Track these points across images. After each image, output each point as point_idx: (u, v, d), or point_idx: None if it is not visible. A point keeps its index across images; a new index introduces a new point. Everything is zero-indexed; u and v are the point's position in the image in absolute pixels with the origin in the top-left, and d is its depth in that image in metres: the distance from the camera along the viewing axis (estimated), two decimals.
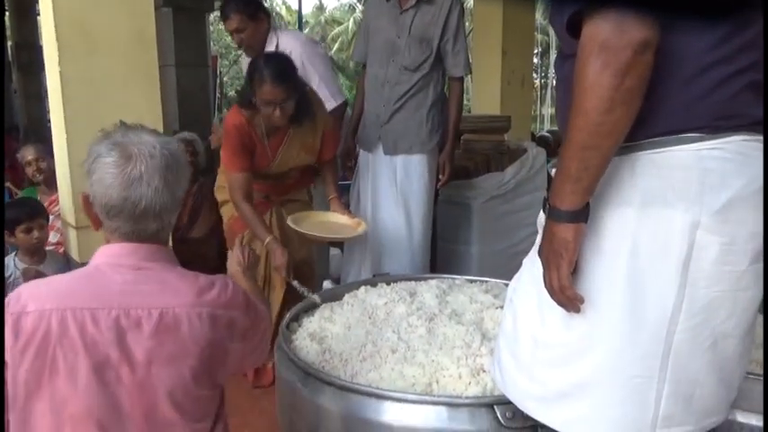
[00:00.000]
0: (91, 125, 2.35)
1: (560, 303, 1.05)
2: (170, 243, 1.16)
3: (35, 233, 2.38)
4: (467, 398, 1.40)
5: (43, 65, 2.53)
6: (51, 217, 2.61)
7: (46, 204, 2.74)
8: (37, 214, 2.42)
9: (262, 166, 2.34)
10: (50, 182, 2.97)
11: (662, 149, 0.97)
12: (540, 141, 4.80)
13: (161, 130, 2.58)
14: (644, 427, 1.05)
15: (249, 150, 2.26)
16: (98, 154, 1.01)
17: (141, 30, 2.42)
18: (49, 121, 2.49)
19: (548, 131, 6.96)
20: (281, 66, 2.16)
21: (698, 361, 1.03)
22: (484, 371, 1.50)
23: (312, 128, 2.35)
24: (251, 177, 2.27)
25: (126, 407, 0.96)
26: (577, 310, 1.04)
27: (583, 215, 0.99)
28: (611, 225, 1.01)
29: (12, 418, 0.95)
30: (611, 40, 0.85)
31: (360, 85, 2.80)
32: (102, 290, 0.97)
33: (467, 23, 3.02)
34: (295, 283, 2.13)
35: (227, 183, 2.34)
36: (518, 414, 1.35)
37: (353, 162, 2.88)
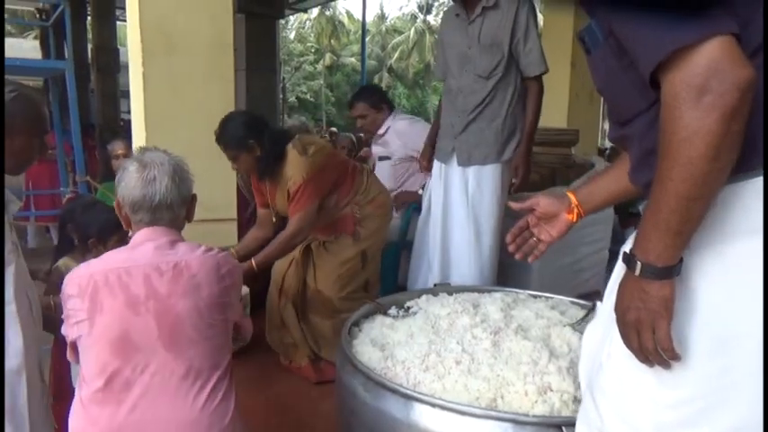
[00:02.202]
0: (169, 124, 2.47)
1: (645, 362, 0.96)
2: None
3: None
4: (534, 416, 1.37)
5: (119, 66, 2.66)
6: None
7: None
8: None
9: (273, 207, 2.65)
10: None
11: None
12: (610, 154, 4.66)
13: None
14: None
15: (259, 191, 2.64)
16: (124, 168, 1.39)
17: (220, 34, 2.51)
18: (122, 120, 2.60)
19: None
20: (222, 129, 2.37)
21: None
22: (551, 389, 1.45)
23: (283, 184, 2.48)
24: (266, 212, 2.64)
25: (156, 328, 1.28)
26: (669, 367, 0.94)
27: (678, 268, 0.92)
28: (740, 256, 0.92)
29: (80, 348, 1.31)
30: (712, 83, 0.79)
31: (441, 101, 2.83)
32: (136, 255, 1.34)
33: None
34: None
35: None
36: None
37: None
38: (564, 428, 1.32)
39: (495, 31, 2.51)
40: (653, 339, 0.93)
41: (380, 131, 3.54)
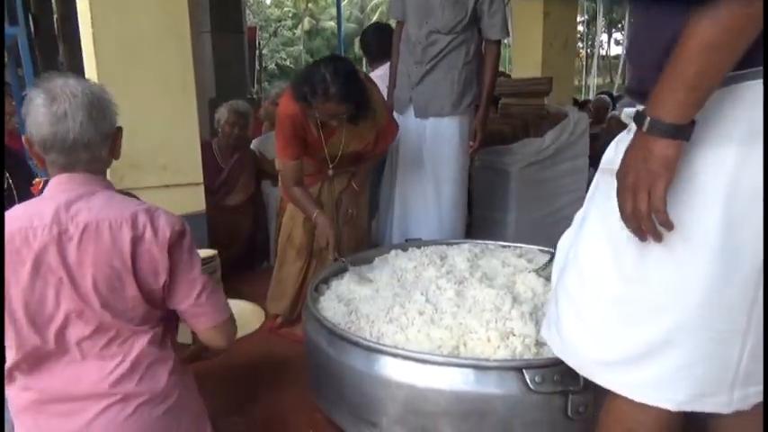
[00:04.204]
0: (125, 87, 2.38)
1: (638, 231, 0.93)
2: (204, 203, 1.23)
3: None
4: (494, 361, 1.36)
5: None
6: None
7: None
8: None
9: (314, 154, 2.28)
10: None
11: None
12: (581, 107, 4.61)
13: (194, 91, 2.58)
14: (723, 386, 0.96)
15: (302, 139, 2.18)
16: (30, 99, 1.15)
17: None
18: None
19: (599, 96, 6.59)
20: (348, 82, 1.93)
21: None
22: (514, 334, 1.45)
23: (371, 123, 2.18)
24: (302, 164, 2.22)
25: (70, 300, 1.12)
26: (660, 239, 0.92)
27: (688, 132, 0.88)
28: (707, 160, 0.91)
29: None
30: None
31: (395, 43, 2.70)
32: (44, 211, 1.13)
33: None
34: (342, 260, 2.03)
35: (280, 167, 2.28)
36: (547, 378, 1.30)
37: None
38: (525, 371, 1.32)
39: None
40: (647, 202, 0.90)
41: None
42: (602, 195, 1.06)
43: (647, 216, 0.91)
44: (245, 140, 3.22)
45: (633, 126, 1.03)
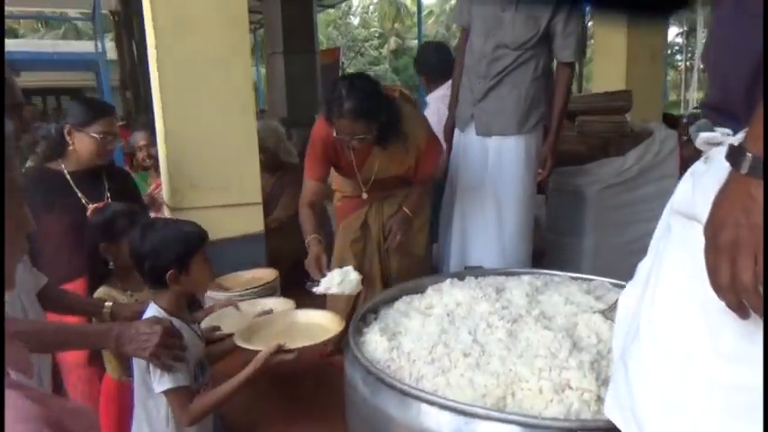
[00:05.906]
0: (185, 107, 2.41)
1: (738, 308, 0.71)
2: None
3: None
4: (545, 419, 1.18)
5: None
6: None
7: (152, 188, 2.83)
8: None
9: (348, 176, 2.24)
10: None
11: None
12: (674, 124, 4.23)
13: (253, 111, 2.57)
14: None
15: (330, 161, 2.17)
16: None
17: (234, 10, 2.41)
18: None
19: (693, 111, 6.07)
20: (364, 98, 1.87)
21: None
22: (570, 387, 1.26)
23: (404, 145, 2.10)
24: (322, 187, 2.20)
25: None
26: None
27: None
28: None
29: None
30: None
31: (460, 51, 2.54)
32: None
33: None
34: (315, 284, 1.93)
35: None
36: None
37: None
38: None
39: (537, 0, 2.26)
40: (752, 269, 0.68)
41: (428, 98, 3.17)
42: (680, 248, 0.84)
43: (753, 288, 0.68)
44: (277, 160, 3.13)
45: (712, 154, 0.83)
